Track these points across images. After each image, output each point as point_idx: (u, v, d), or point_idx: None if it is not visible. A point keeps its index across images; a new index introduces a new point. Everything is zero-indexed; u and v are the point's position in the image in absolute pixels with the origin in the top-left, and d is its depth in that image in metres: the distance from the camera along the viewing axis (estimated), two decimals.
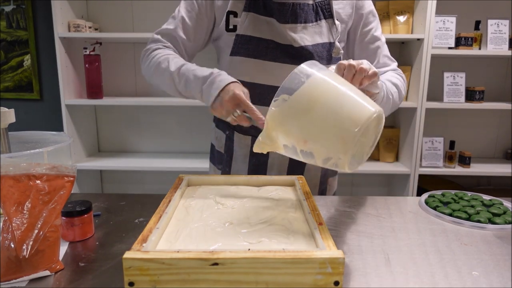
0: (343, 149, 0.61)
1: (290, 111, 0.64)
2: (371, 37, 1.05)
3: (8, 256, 0.59)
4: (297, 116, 0.64)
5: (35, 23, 2.26)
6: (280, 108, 0.65)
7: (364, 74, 0.73)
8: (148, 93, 2.34)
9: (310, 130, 0.63)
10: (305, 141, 0.64)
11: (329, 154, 0.64)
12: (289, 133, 0.66)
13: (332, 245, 0.55)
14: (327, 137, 0.63)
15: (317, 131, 0.63)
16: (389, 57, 1.08)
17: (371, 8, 1.05)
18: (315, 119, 0.62)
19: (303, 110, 0.63)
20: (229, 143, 1.10)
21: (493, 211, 0.87)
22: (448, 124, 2.37)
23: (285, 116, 0.65)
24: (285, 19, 0.96)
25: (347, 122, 0.61)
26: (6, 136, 0.74)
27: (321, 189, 1.13)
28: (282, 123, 0.66)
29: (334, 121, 0.62)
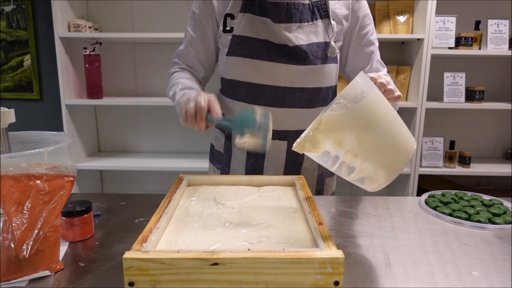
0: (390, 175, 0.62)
1: (351, 121, 0.61)
2: (366, 41, 1.06)
3: (8, 256, 0.59)
4: (356, 128, 0.61)
5: (35, 23, 2.26)
6: (341, 113, 0.61)
7: (391, 95, 0.75)
8: (148, 93, 2.34)
9: (366, 147, 0.61)
10: (355, 155, 0.62)
11: (373, 175, 0.63)
12: (341, 142, 0.62)
13: (332, 245, 0.55)
14: (381, 161, 0.62)
15: (373, 150, 0.61)
16: (381, 63, 1.10)
17: (367, 11, 1.05)
18: (374, 137, 0.61)
19: (364, 124, 0.61)
20: (228, 143, 1.11)
21: (493, 211, 0.87)
22: (448, 124, 2.37)
23: (344, 123, 0.61)
24: (279, 18, 0.97)
25: (403, 151, 0.61)
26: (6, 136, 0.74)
27: (318, 189, 1.13)
28: (337, 130, 0.62)
29: (391, 146, 0.61)
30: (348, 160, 0.63)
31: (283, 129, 1.03)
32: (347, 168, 0.64)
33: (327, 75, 1.02)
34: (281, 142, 1.04)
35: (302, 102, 1.01)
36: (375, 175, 0.63)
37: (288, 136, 1.04)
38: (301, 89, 1.00)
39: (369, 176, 0.64)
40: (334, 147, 0.63)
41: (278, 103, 1.01)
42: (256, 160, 1.06)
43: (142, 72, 2.32)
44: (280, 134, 1.03)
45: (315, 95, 1.02)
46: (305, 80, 0.99)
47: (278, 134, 1.03)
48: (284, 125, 1.03)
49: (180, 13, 2.22)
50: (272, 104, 1.01)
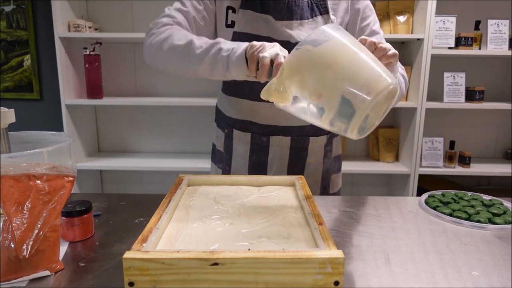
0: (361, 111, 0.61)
1: (311, 62, 0.63)
2: (370, 32, 1.04)
3: (8, 256, 0.59)
4: (317, 68, 0.63)
5: (35, 23, 2.26)
6: (301, 57, 0.63)
7: (383, 52, 0.73)
8: (148, 93, 2.35)
9: (328, 86, 0.62)
10: (319, 95, 0.63)
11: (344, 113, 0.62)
12: (305, 84, 0.64)
13: (332, 245, 0.55)
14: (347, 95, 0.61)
15: (334, 88, 0.62)
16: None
17: (367, 2, 1.04)
18: (335, 76, 0.62)
19: (324, 64, 0.62)
20: (228, 141, 1.11)
21: (493, 211, 0.87)
22: (448, 124, 2.37)
23: (305, 65, 0.63)
24: (280, 16, 0.97)
25: (364, 88, 0.60)
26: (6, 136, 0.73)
27: (323, 185, 1.12)
28: (300, 72, 0.64)
29: (351, 83, 0.61)
30: (315, 100, 0.64)
31: (287, 124, 1.03)
32: (319, 110, 0.64)
33: None
34: (285, 138, 1.04)
35: None
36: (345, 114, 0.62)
37: (291, 132, 1.04)
38: None
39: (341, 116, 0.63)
40: (300, 91, 0.65)
41: None
42: (259, 156, 1.06)
43: (142, 72, 2.32)
44: (283, 130, 1.03)
45: None
46: None
47: (282, 130, 1.03)
48: (287, 121, 1.03)
49: None
50: None
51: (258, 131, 1.05)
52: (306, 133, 1.05)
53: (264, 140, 1.05)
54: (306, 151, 1.06)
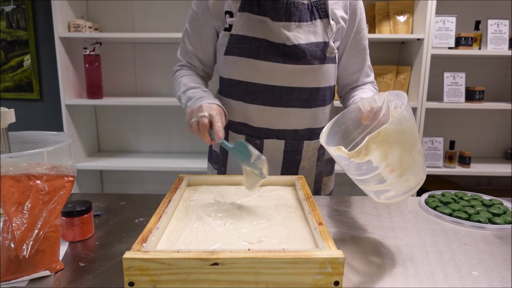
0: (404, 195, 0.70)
1: (402, 137, 0.67)
2: (361, 47, 1.08)
3: (8, 256, 0.59)
4: (403, 146, 0.66)
5: (35, 23, 2.26)
6: (397, 128, 0.65)
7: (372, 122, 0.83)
8: (148, 93, 2.35)
9: (404, 165, 0.67)
10: (392, 170, 0.67)
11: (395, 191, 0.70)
12: (387, 155, 0.66)
13: (332, 245, 0.55)
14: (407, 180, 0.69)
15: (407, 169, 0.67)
16: (370, 68, 1.13)
17: (363, 15, 1.06)
18: (412, 157, 0.67)
19: (409, 143, 0.67)
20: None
21: (493, 211, 0.87)
22: (448, 124, 2.37)
23: (397, 138, 0.66)
24: (278, 17, 0.96)
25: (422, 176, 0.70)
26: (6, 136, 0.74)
27: (315, 188, 1.13)
28: (390, 143, 0.66)
29: (417, 170, 0.69)
30: (385, 173, 0.67)
31: (281, 128, 1.03)
32: (378, 179, 0.69)
33: (325, 75, 1.01)
34: (279, 141, 1.04)
35: (299, 102, 1.01)
36: (396, 192, 0.69)
37: (285, 135, 1.03)
38: (299, 89, 1.00)
39: (391, 191, 0.70)
40: (379, 159, 0.66)
41: (275, 102, 1.01)
42: None
43: (142, 72, 2.32)
44: (277, 133, 1.03)
45: (312, 95, 1.01)
46: (303, 79, 0.99)
47: (276, 133, 1.03)
48: (281, 124, 1.02)
49: (180, 13, 2.22)
50: (269, 103, 1.01)
51: (252, 133, 1.05)
52: (301, 137, 1.05)
53: (257, 143, 1.05)
54: (300, 154, 1.06)
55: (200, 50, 1.07)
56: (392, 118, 0.67)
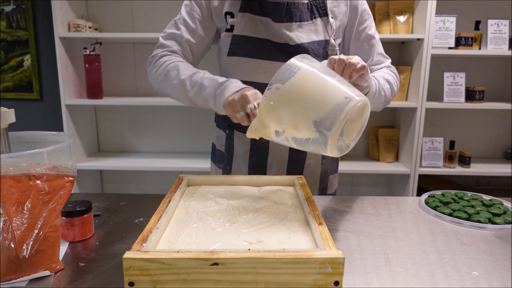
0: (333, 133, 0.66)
1: (282, 99, 0.68)
2: (365, 36, 1.06)
3: (8, 256, 0.59)
4: (288, 103, 0.68)
5: (35, 23, 2.26)
6: (272, 96, 0.68)
7: (353, 67, 0.76)
8: (148, 93, 2.34)
9: (300, 117, 0.67)
10: (295, 126, 0.68)
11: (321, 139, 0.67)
12: (280, 120, 0.69)
13: (332, 245, 0.55)
14: (314, 122, 0.67)
15: (306, 118, 0.67)
16: (383, 55, 1.09)
17: (365, 6, 1.06)
18: (304, 108, 0.66)
19: (294, 98, 0.67)
20: (229, 141, 1.11)
21: (493, 211, 0.87)
22: (448, 124, 2.37)
23: (276, 103, 0.69)
24: (280, 18, 0.97)
25: (332, 113, 0.65)
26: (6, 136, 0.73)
27: (321, 186, 1.13)
28: (274, 110, 0.69)
29: (320, 110, 0.66)
30: (293, 132, 0.69)
31: None
32: (297, 140, 0.70)
33: None
34: None
35: None
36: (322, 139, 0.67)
37: None
38: None
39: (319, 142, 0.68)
40: (278, 126, 0.71)
41: None
42: (259, 157, 1.07)
43: (142, 72, 2.32)
44: None
45: None
46: None
47: None
48: None
49: None
50: None
51: None
52: None
53: (263, 142, 1.05)
54: (305, 152, 1.06)
55: (197, 42, 1.03)
56: (265, 90, 0.69)
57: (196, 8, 1.02)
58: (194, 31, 1.02)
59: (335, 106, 0.64)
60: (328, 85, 0.67)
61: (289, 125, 0.69)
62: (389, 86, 1.00)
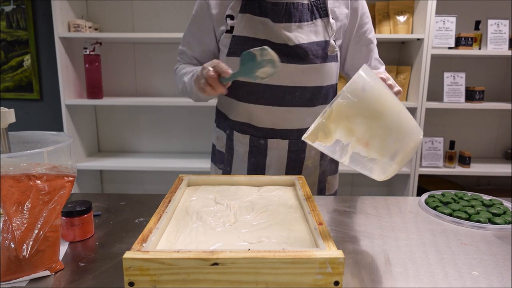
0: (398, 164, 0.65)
1: (362, 109, 0.63)
2: (365, 40, 1.07)
3: (8, 256, 0.59)
4: (367, 117, 0.63)
5: (35, 23, 2.26)
6: (351, 102, 0.62)
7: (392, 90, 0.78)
8: (148, 93, 2.35)
9: (377, 135, 0.63)
10: (366, 143, 0.63)
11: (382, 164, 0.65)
12: (352, 130, 0.63)
13: (332, 245, 0.55)
14: (390, 149, 0.64)
15: (383, 137, 0.64)
16: (379, 61, 1.11)
17: (366, 9, 1.06)
18: (384, 124, 0.63)
19: (374, 112, 0.63)
20: (229, 142, 1.11)
21: (493, 211, 0.87)
22: (448, 124, 2.37)
23: (355, 112, 0.62)
24: (279, 18, 0.97)
25: (410, 140, 0.64)
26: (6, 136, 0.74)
27: (320, 187, 1.13)
28: (349, 118, 0.63)
29: (399, 134, 0.64)
30: (359, 149, 0.64)
31: (284, 128, 1.03)
32: (358, 157, 0.65)
33: (328, 73, 1.02)
34: (283, 141, 1.04)
35: (303, 101, 1.01)
36: (384, 164, 0.65)
37: (289, 135, 1.04)
38: (302, 88, 1.00)
39: (378, 165, 0.65)
40: (345, 136, 0.64)
41: (279, 102, 1.01)
42: (258, 158, 1.07)
43: (142, 72, 2.32)
44: (281, 133, 1.03)
45: (315, 94, 1.02)
46: (305, 79, 1.00)
47: (280, 133, 1.03)
48: (285, 124, 1.03)
49: (180, 13, 2.22)
50: (273, 103, 1.01)
51: (256, 133, 1.05)
52: None
53: (262, 143, 1.05)
54: (304, 153, 1.06)
55: (199, 52, 1.10)
56: (340, 92, 0.63)
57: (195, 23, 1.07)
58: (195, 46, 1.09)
59: (410, 134, 0.64)
60: (402, 109, 0.66)
61: (360, 140, 0.63)
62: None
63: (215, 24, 1.03)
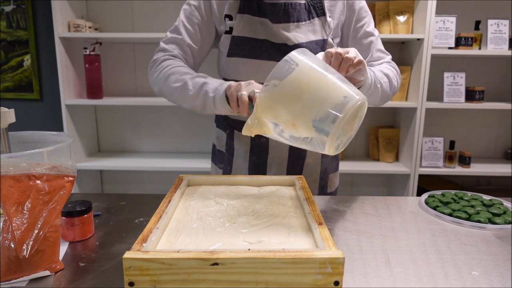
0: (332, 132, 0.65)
1: (280, 97, 0.66)
2: (364, 33, 1.06)
3: (8, 256, 0.59)
4: (286, 101, 0.66)
5: (35, 23, 2.26)
6: (270, 93, 0.67)
7: (350, 62, 0.75)
8: (148, 93, 2.34)
9: (299, 115, 0.66)
10: (293, 124, 0.67)
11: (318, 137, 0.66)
12: (278, 117, 0.68)
13: (332, 245, 0.55)
14: (312, 122, 0.65)
15: (305, 117, 0.65)
16: (382, 51, 1.09)
17: (363, 4, 1.06)
18: (303, 106, 0.65)
19: (292, 95, 0.66)
20: (229, 141, 1.11)
21: (493, 211, 0.87)
22: (448, 124, 2.37)
23: (274, 100, 0.67)
24: (277, 19, 0.98)
25: (332, 111, 0.64)
26: (6, 136, 0.73)
27: (321, 185, 1.13)
28: (271, 107, 0.68)
29: (319, 109, 0.64)
30: (290, 130, 0.68)
31: None
32: (295, 137, 0.68)
33: None
34: None
35: None
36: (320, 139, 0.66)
37: None
38: None
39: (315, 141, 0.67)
40: (277, 123, 0.69)
41: None
42: (259, 156, 1.07)
43: (142, 72, 2.32)
44: None
45: None
46: None
47: None
48: None
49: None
50: None
51: None
52: None
53: (263, 141, 1.05)
54: (305, 151, 1.07)
55: (198, 46, 1.05)
56: (262, 86, 0.68)
57: (195, 13, 1.02)
58: (194, 35, 1.03)
59: (335, 105, 0.63)
60: (327, 83, 0.66)
61: (287, 123, 0.68)
62: (388, 80, 0.99)
63: (214, 20, 1.03)
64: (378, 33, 1.08)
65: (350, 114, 0.64)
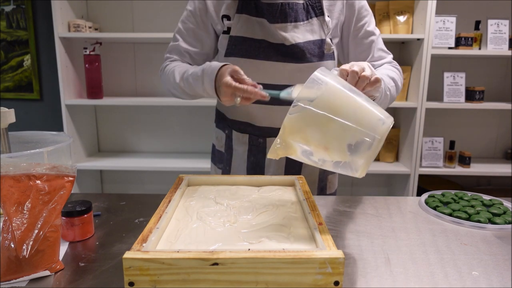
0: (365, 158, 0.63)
1: (311, 119, 0.63)
2: (364, 32, 1.05)
3: (8, 256, 0.59)
4: (318, 124, 0.63)
5: (35, 23, 2.26)
6: (301, 114, 0.63)
7: (366, 81, 0.75)
8: (148, 93, 2.35)
9: (332, 138, 0.63)
10: (325, 148, 0.64)
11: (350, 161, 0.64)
12: (309, 140, 0.65)
13: (332, 245, 0.55)
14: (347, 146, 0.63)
15: (339, 140, 0.63)
16: (384, 50, 1.09)
17: (363, 3, 1.05)
18: (339, 127, 0.62)
19: (325, 118, 0.62)
20: (228, 141, 1.11)
21: (493, 211, 0.87)
22: (448, 124, 2.37)
23: (304, 122, 0.64)
24: (274, 19, 0.98)
25: (368, 134, 0.62)
26: (6, 136, 0.73)
27: (320, 186, 1.13)
28: (301, 130, 0.64)
29: (355, 132, 0.62)
30: (321, 154, 0.65)
31: None
32: (325, 160, 0.66)
33: None
34: None
35: None
36: (352, 163, 0.64)
37: None
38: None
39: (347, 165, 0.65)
40: (303, 145, 0.66)
41: (276, 101, 1.01)
42: (257, 157, 1.07)
43: (142, 72, 2.32)
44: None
45: None
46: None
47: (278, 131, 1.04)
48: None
49: (180, 13, 2.21)
50: (270, 102, 1.01)
51: (255, 132, 1.06)
52: None
53: (261, 142, 1.05)
54: None
55: (196, 48, 1.07)
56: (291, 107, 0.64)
57: (190, 18, 1.05)
58: (190, 40, 1.06)
59: (371, 128, 0.62)
60: (359, 104, 0.64)
61: (318, 146, 0.64)
62: (394, 84, 0.99)
63: (212, 23, 1.04)
64: (379, 32, 1.08)
65: (384, 137, 0.62)
